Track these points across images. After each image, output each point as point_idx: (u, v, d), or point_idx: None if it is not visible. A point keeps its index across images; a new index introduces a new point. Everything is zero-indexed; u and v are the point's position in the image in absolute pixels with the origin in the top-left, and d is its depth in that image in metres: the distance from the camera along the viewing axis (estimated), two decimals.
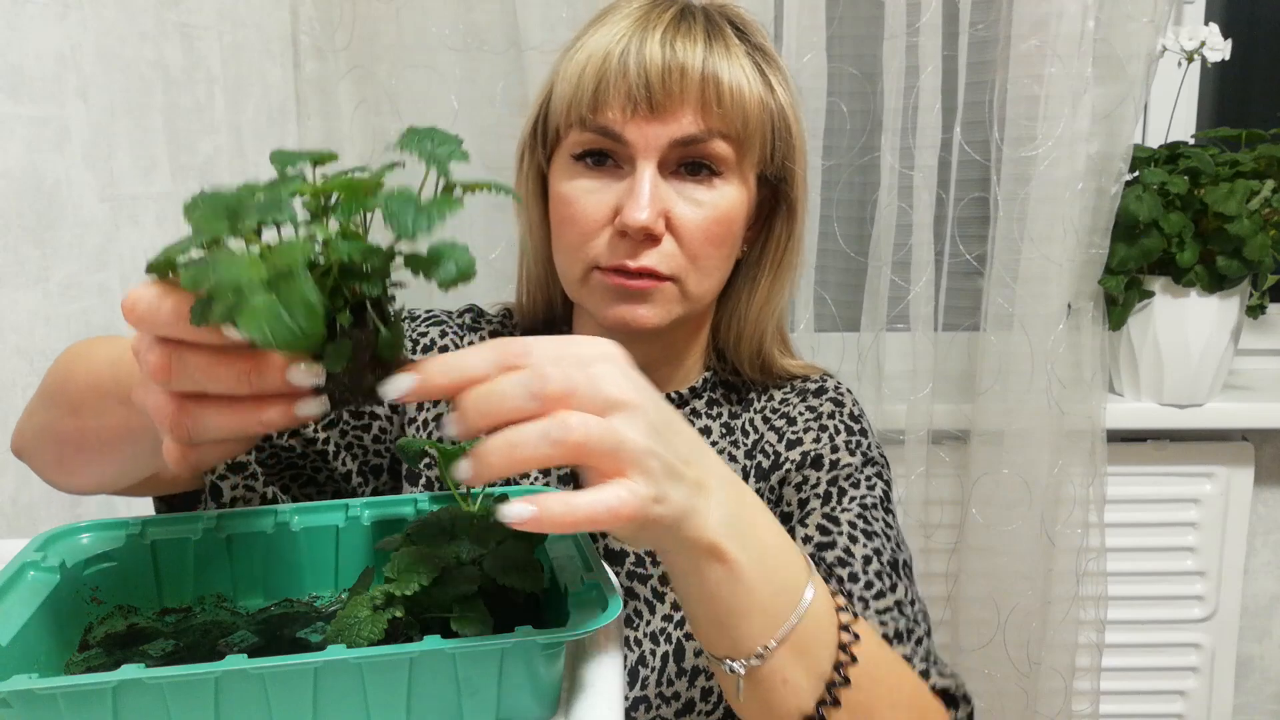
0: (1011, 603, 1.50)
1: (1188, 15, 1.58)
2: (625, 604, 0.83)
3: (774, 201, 0.84)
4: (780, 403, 0.88)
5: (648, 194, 0.73)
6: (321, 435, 0.81)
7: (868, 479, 0.82)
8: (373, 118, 1.47)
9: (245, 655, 0.44)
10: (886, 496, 0.83)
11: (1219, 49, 1.40)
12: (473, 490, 0.61)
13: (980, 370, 1.47)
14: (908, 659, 0.71)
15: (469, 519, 0.55)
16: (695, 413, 0.87)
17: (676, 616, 0.80)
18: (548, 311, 0.89)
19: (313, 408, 0.45)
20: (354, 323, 0.45)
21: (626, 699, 0.80)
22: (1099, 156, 1.38)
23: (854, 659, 0.58)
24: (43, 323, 0.97)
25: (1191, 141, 1.51)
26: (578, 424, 0.45)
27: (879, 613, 0.73)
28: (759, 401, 0.89)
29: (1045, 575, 1.49)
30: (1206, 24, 1.42)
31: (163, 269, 0.44)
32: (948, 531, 1.54)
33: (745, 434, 0.87)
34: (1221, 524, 1.56)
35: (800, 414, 0.86)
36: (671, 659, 0.79)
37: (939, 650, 1.41)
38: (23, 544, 0.56)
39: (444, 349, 0.85)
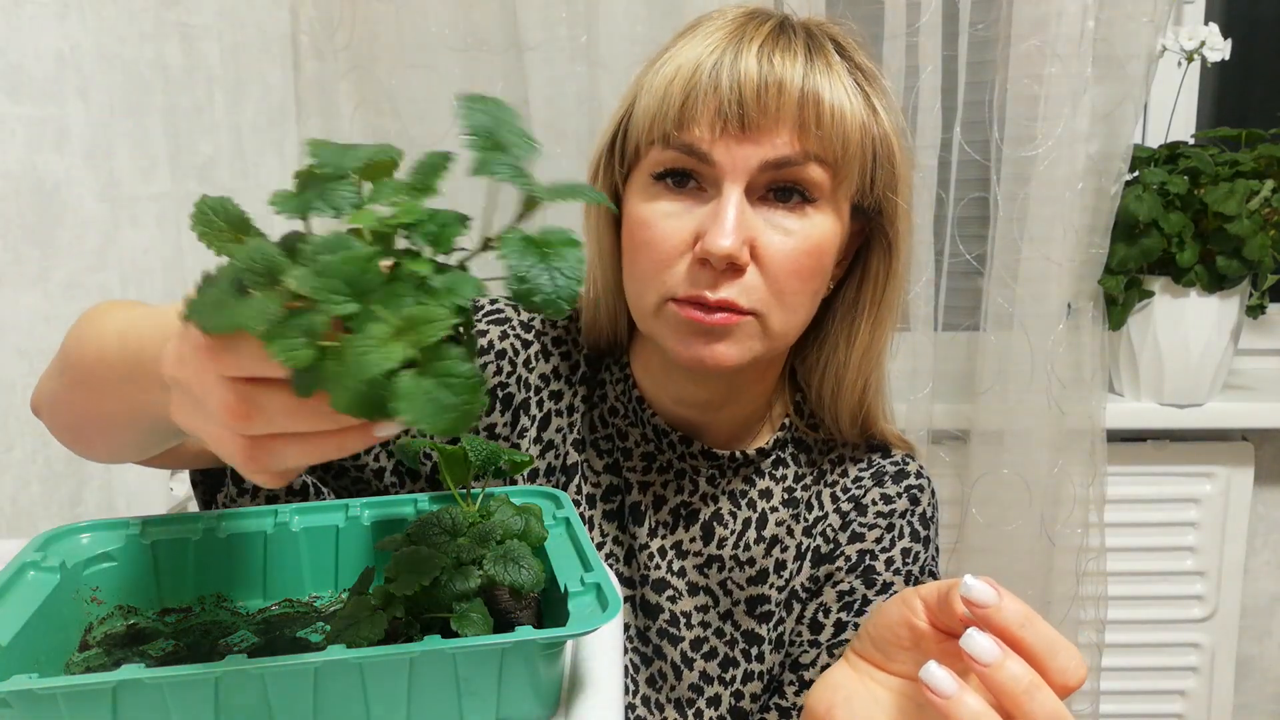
0: None
1: (1188, 15, 1.57)
2: (651, 664, 0.80)
3: (868, 235, 0.76)
4: (854, 482, 0.81)
5: (733, 220, 0.66)
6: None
7: None
8: (372, 118, 1.47)
9: (245, 655, 0.44)
10: None
11: (1219, 49, 1.40)
12: (473, 490, 0.61)
13: (980, 370, 1.47)
14: None
15: (469, 519, 0.55)
16: (758, 471, 0.81)
17: (707, 691, 0.78)
18: (611, 337, 0.82)
19: (391, 429, 0.41)
20: None
21: None
22: (1099, 156, 1.38)
23: None
24: (43, 323, 0.97)
25: (1191, 141, 1.51)
26: None
27: None
28: (831, 474, 0.82)
29: (1045, 575, 1.49)
30: (1206, 24, 1.42)
31: (228, 319, 0.37)
32: (948, 531, 1.54)
33: (809, 508, 0.81)
34: (1221, 524, 1.56)
35: (873, 502, 0.80)
36: None
37: None
38: (23, 544, 0.56)
39: (501, 353, 0.79)
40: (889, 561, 0.78)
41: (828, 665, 0.75)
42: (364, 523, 0.61)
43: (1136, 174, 1.43)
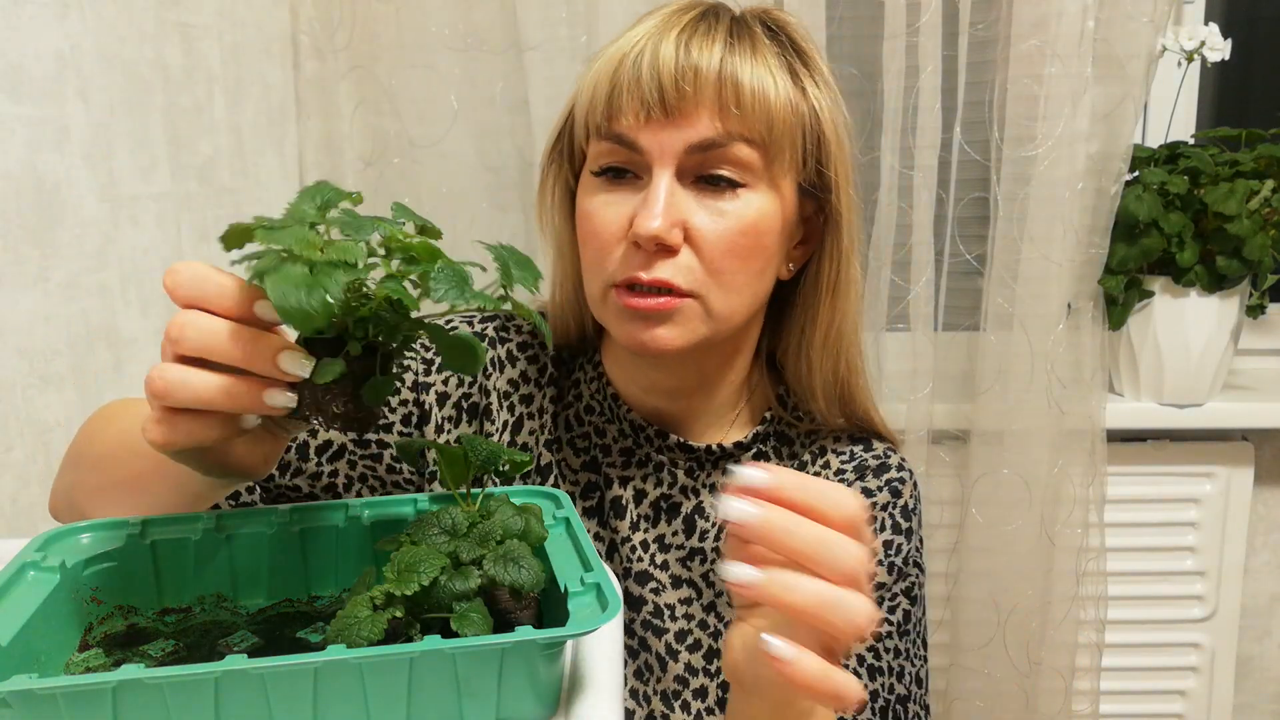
0: (1011, 603, 1.50)
1: (1188, 15, 1.57)
2: (637, 657, 0.81)
3: (825, 214, 0.78)
4: (835, 474, 0.82)
5: (661, 201, 0.69)
6: (328, 468, 0.79)
7: (891, 598, 0.78)
8: (372, 118, 1.47)
9: (245, 655, 0.44)
10: (907, 617, 0.79)
11: (1219, 49, 1.40)
12: (473, 491, 0.61)
13: (980, 370, 1.47)
14: None
15: (469, 519, 0.55)
16: (739, 464, 0.82)
17: (693, 683, 0.78)
18: (580, 335, 0.84)
19: (279, 399, 0.49)
20: (359, 356, 0.49)
21: None
22: (1099, 156, 1.38)
23: None
24: (43, 323, 0.97)
25: (1191, 141, 1.51)
26: (858, 609, 0.49)
27: None
28: (812, 466, 0.82)
29: (1045, 575, 1.49)
30: (1206, 24, 1.42)
31: (240, 234, 0.48)
32: (948, 531, 1.54)
33: None
34: (1221, 524, 1.56)
35: None
36: None
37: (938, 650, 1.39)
38: (23, 544, 0.56)
39: None
40: (871, 554, 0.78)
41: None
42: (364, 523, 0.61)
43: (1136, 174, 1.43)
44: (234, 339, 0.48)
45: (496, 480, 0.76)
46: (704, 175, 0.71)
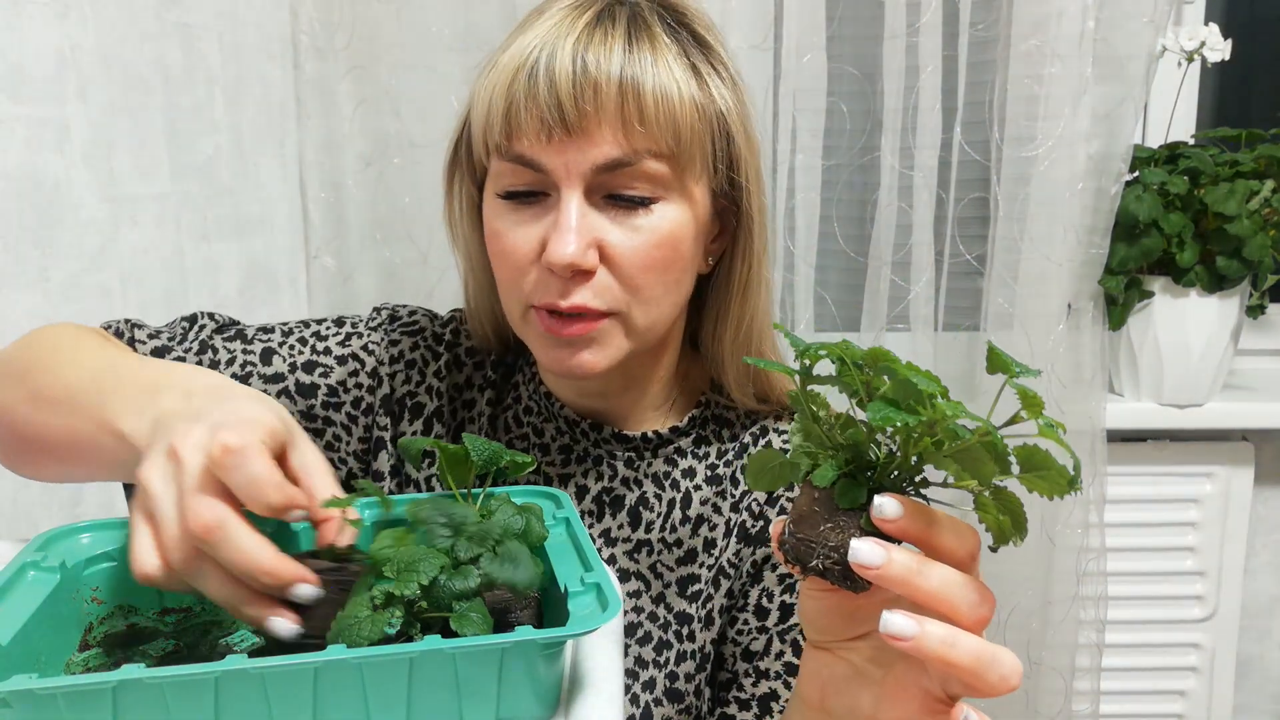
0: (1011, 603, 1.50)
1: (1188, 15, 1.57)
2: None
3: (736, 211, 0.75)
4: None
5: (573, 227, 0.66)
6: None
7: None
8: (373, 118, 1.47)
9: (245, 655, 0.44)
10: None
11: (1219, 49, 1.40)
12: (473, 490, 0.61)
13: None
14: None
15: (468, 519, 0.55)
16: (680, 451, 0.80)
17: (642, 675, 0.77)
18: (500, 345, 0.82)
19: (282, 628, 0.49)
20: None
21: None
22: (1099, 156, 1.38)
23: None
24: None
25: (1191, 141, 1.51)
26: (1010, 669, 0.47)
27: None
28: (754, 447, 0.81)
29: (1045, 575, 1.49)
30: (1206, 24, 1.42)
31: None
32: None
33: (734, 483, 0.80)
34: (1221, 524, 1.56)
35: None
36: None
37: None
38: (23, 544, 0.56)
39: (410, 363, 0.80)
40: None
41: (781, 651, 0.75)
42: (364, 523, 0.61)
43: (1136, 174, 1.43)
44: (254, 570, 0.48)
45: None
46: (614, 194, 0.68)
